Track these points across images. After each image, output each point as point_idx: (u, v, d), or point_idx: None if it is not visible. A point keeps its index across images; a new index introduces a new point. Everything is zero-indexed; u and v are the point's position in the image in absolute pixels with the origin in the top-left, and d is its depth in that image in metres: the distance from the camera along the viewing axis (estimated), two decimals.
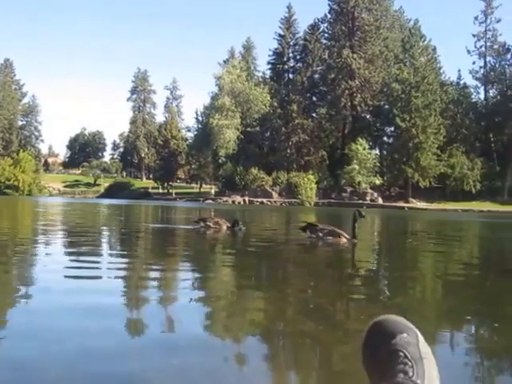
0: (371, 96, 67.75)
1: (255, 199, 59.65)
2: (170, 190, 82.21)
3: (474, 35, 70.32)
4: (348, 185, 62.16)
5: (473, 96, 71.93)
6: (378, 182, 62.28)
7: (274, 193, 61.86)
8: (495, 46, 69.33)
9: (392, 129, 66.90)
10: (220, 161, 70.47)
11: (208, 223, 11.23)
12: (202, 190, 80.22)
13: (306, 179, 61.44)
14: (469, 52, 70.88)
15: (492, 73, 69.90)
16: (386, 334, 1.48)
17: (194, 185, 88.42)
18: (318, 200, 60.25)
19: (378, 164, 63.33)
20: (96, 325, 2.97)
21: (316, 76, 72.65)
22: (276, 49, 73.79)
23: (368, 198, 59.61)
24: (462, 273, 6.17)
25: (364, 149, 61.81)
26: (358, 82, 67.21)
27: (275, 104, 69.53)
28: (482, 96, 72.37)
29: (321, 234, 9.25)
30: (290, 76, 73.55)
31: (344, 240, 9.01)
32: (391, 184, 65.64)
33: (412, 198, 60.88)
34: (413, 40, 66.15)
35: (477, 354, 2.83)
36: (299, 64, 72.63)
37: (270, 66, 75.98)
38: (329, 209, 46.95)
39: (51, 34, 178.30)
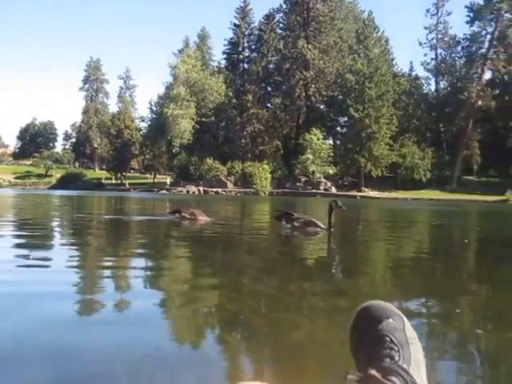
0: (325, 86, 68.13)
1: (210, 189, 59.42)
2: (124, 181, 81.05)
3: (425, 27, 71.89)
4: (302, 174, 62.53)
5: (424, 87, 73.64)
6: (331, 171, 62.81)
7: (228, 183, 61.77)
8: (446, 39, 70.87)
9: (345, 119, 67.68)
10: (174, 151, 69.73)
11: (183, 214, 11.06)
12: (156, 180, 79.46)
13: (260, 169, 61.56)
14: (420, 44, 72.33)
15: (443, 65, 71.49)
16: (372, 319, 1.49)
17: (148, 175, 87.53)
18: (273, 189, 60.35)
19: (331, 154, 63.59)
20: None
21: (271, 66, 72.57)
22: (231, 38, 73.30)
23: (322, 188, 60.14)
24: (415, 257, 6.41)
25: (318, 139, 62.22)
26: (312, 73, 67.51)
27: (230, 94, 69.19)
28: (432, 87, 74.38)
29: (296, 224, 9.15)
30: (245, 66, 73.13)
31: (320, 230, 8.88)
32: (344, 173, 66.13)
33: (364, 186, 61.72)
34: (367, 31, 66.84)
35: (433, 337, 2.83)
36: (254, 54, 72.47)
37: (225, 56, 75.57)
38: (283, 198, 47.03)
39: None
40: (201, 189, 59.61)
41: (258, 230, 10.58)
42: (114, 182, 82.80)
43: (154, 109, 77.93)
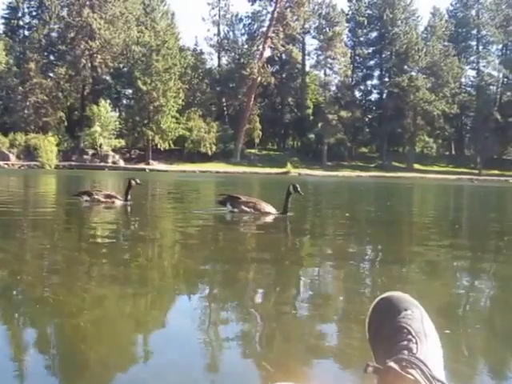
0: (112, 58, 70.62)
1: None
2: None
3: (208, 4, 77.37)
4: (89, 147, 64.81)
5: (208, 62, 79.67)
6: (119, 144, 65.67)
7: (11, 155, 61.48)
8: (228, 16, 77.26)
9: (131, 91, 71.02)
10: None
11: (96, 196, 10.40)
12: None
13: (46, 141, 62.23)
14: (204, 19, 78.88)
15: (225, 41, 77.77)
16: (391, 310, 1.56)
17: None
18: (59, 162, 61.78)
19: (119, 126, 66.48)
20: None
21: (54, 34, 72.81)
22: (10, 3, 72.30)
23: (110, 161, 63.00)
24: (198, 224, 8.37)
25: (107, 112, 64.58)
26: (98, 43, 69.29)
27: (11, 62, 68.43)
28: (216, 62, 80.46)
29: (245, 208, 9.09)
30: (26, 33, 73.04)
31: (270, 214, 9.04)
32: (132, 146, 69.90)
33: (152, 160, 65.67)
34: (154, 3, 71.32)
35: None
36: (35, 21, 72.47)
37: (3, 21, 74.29)
38: (71, 171, 48.91)
39: None
40: None
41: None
42: None
43: None
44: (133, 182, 10.24)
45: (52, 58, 73.46)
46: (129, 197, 10.28)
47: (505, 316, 3.64)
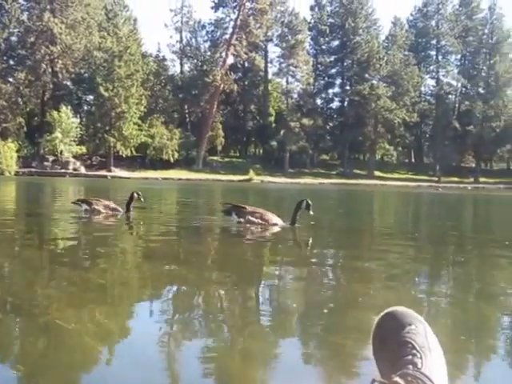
0: (73, 63, 70.35)
1: None
2: None
3: (171, 10, 78.59)
4: (50, 153, 64.45)
5: (170, 69, 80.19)
6: (80, 151, 65.47)
7: None
8: (191, 22, 77.82)
9: (93, 97, 70.63)
10: None
11: (96, 207, 10.22)
12: None
13: (6, 147, 61.91)
14: (166, 26, 79.10)
15: (188, 47, 78.26)
16: (395, 325, 1.63)
17: None
18: (19, 169, 60.94)
19: (80, 132, 66.10)
20: None
21: (14, 39, 72.22)
22: None
23: (71, 167, 62.54)
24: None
25: (68, 118, 64.06)
26: (59, 48, 68.96)
27: None
28: (178, 69, 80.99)
29: (251, 218, 8.85)
30: None
31: (277, 225, 8.82)
32: (93, 153, 69.61)
33: (114, 166, 65.54)
34: (116, 9, 71.31)
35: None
36: None
37: None
38: (31, 178, 48.66)
39: None
40: None
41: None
42: None
43: None
44: (135, 195, 10.26)
45: (11, 62, 72.65)
46: (131, 208, 10.32)
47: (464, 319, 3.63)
